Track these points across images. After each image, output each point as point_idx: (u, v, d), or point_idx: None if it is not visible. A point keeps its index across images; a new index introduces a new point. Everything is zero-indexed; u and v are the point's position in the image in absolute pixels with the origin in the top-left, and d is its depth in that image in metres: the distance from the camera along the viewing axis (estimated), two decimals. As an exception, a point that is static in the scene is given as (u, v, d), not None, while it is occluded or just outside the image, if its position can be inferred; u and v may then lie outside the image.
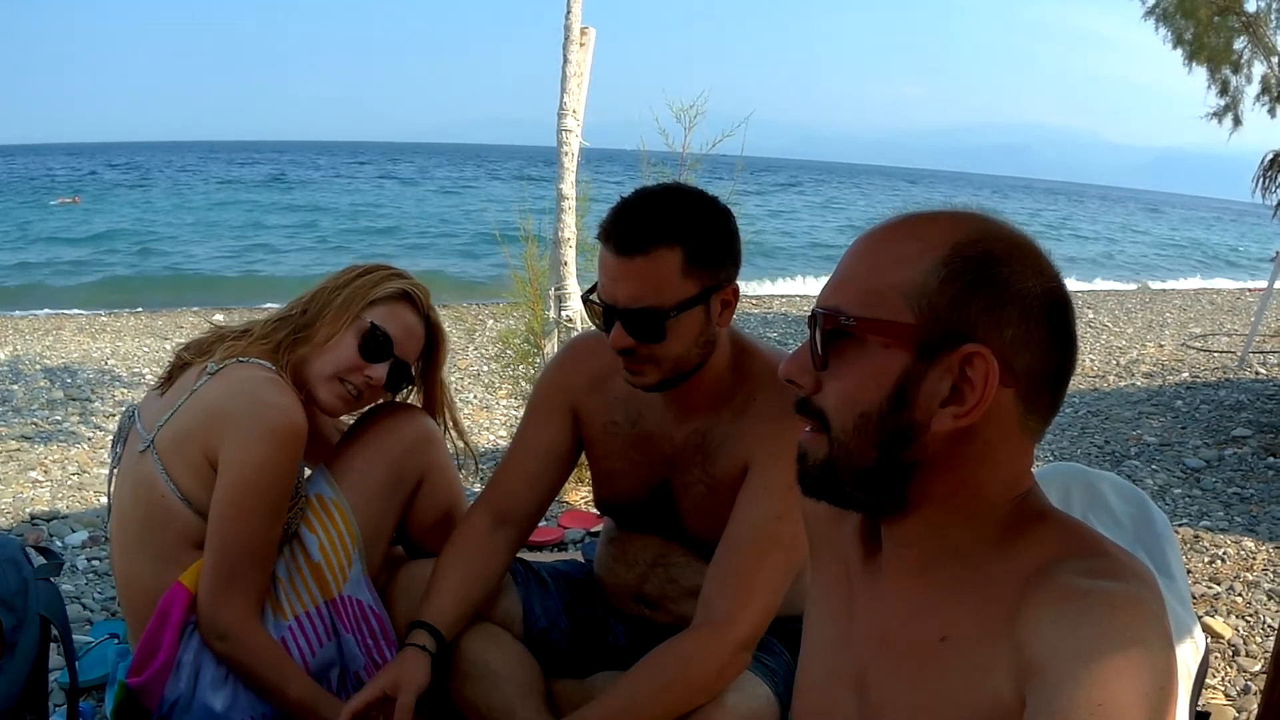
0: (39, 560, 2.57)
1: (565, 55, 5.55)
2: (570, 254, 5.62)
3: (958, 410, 1.25)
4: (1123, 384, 10.10)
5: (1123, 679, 1.09)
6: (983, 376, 1.24)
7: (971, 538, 1.33)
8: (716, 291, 2.31)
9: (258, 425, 2.49)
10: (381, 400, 2.91)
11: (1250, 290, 22.86)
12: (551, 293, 5.72)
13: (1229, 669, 3.86)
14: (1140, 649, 1.11)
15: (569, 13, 5.53)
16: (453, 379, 9.49)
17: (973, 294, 1.25)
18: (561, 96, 5.57)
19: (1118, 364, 11.40)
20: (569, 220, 5.58)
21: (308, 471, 2.89)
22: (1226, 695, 3.64)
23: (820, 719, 1.53)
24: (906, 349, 1.26)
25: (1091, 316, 16.06)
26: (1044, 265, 1.30)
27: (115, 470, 2.71)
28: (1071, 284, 1.45)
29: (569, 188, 5.59)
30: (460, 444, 3.01)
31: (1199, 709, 2.58)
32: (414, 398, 2.99)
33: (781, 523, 2.29)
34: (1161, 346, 13.07)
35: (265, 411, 2.50)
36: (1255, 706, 3.40)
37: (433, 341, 2.86)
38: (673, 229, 2.23)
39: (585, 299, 2.39)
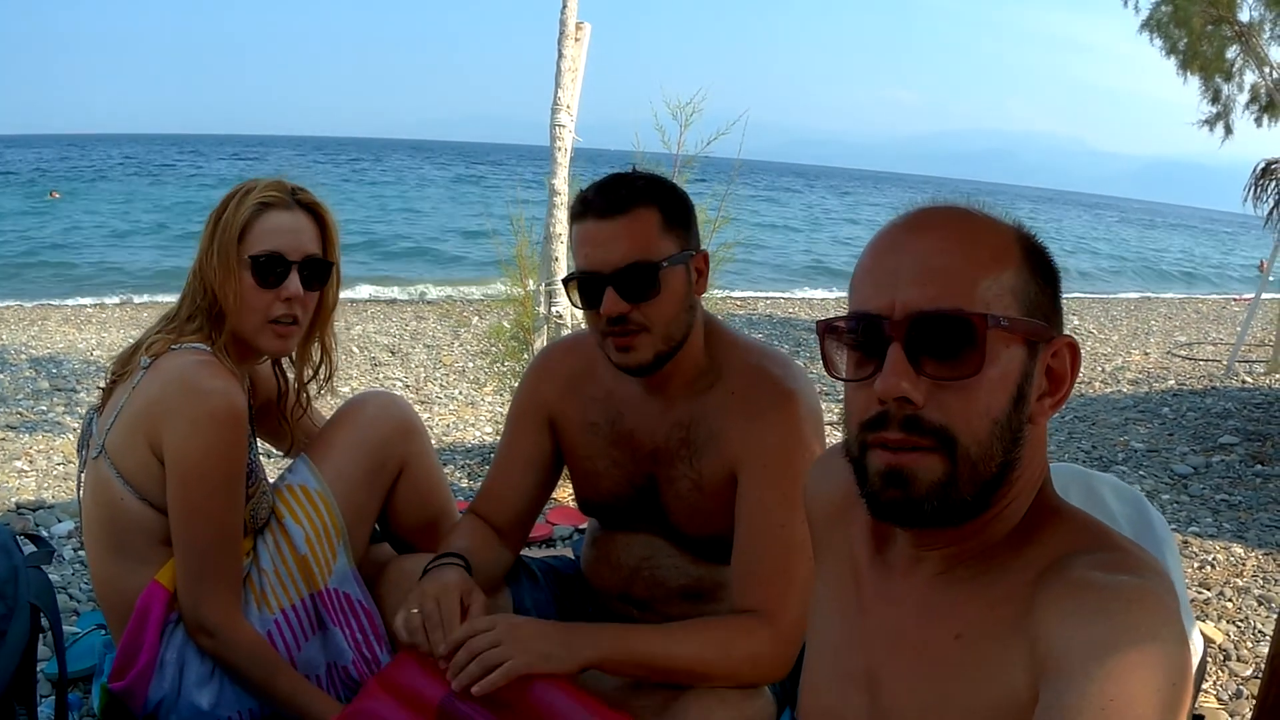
0: (29, 548, 2.54)
1: (560, 50, 5.55)
2: (561, 250, 5.60)
3: (1052, 400, 1.29)
4: (1109, 391, 10.12)
5: (1136, 674, 1.08)
6: (1069, 364, 1.28)
7: (999, 533, 1.32)
8: (691, 256, 2.38)
9: (195, 413, 2.44)
10: (317, 307, 2.76)
11: (1236, 300, 22.98)
12: (542, 288, 5.71)
13: (1221, 673, 3.85)
14: (1154, 644, 1.10)
15: (565, 8, 5.53)
16: (438, 375, 9.53)
17: (1047, 285, 1.29)
18: (556, 91, 5.57)
19: (1103, 371, 11.44)
20: (560, 216, 5.56)
21: (287, 457, 2.86)
22: (1219, 699, 3.63)
23: (829, 718, 1.51)
24: (1023, 345, 1.25)
25: (1077, 324, 16.11)
26: None
27: (82, 474, 2.68)
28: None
29: (561, 183, 5.58)
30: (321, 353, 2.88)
31: (1194, 712, 2.57)
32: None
33: (786, 529, 2.29)
34: (1147, 354, 13.12)
35: (201, 398, 2.44)
36: (1248, 710, 3.40)
37: (318, 219, 2.70)
38: (647, 192, 2.33)
39: (566, 282, 2.39)
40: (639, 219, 2.28)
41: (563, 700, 2.07)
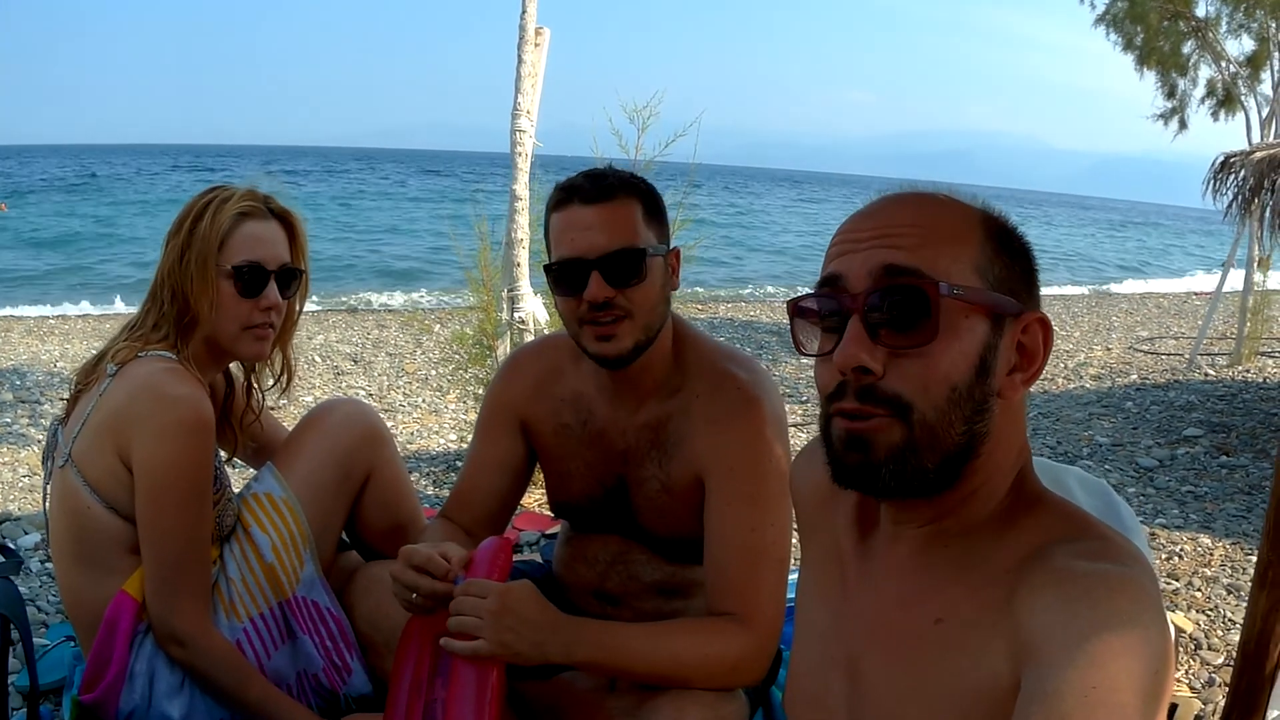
0: (-3, 558, 2.52)
1: (520, 55, 5.53)
2: (523, 255, 5.59)
3: (1024, 376, 1.29)
4: (1071, 386, 10.20)
5: (1118, 661, 1.08)
6: (1041, 341, 1.29)
7: (977, 515, 1.32)
8: (667, 251, 2.40)
9: (163, 421, 2.43)
10: (289, 311, 2.79)
11: (1196, 294, 23.14)
12: (504, 294, 5.69)
13: (1192, 662, 3.88)
14: (1136, 632, 1.10)
15: (524, 13, 5.51)
16: (400, 383, 9.52)
17: (1015, 262, 1.31)
18: (516, 96, 5.55)
19: (1065, 367, 11.51)
20: (522, 221, 5.56)
21: (249, 467, 2.84)
22: (1191, 688, 3.66)
23: (811, 704, 1.51)
24: (986, 317, 1.26)
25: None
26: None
27: (48, 485, 2.65)
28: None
29: (522, 189, 5.56)
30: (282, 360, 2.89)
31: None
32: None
33: (755, 533, 2.30)
34: (1109, 349, 13.21)
35: (168, 405, 2.43)
36: (1220, 698, 3.42)
37: (289, 227, 2.73)
38: (629, 184, 2.37)
39: (548, 269, 2.37)
40: (625, 206, 2.31)
41: (471, 694, 2.05)
